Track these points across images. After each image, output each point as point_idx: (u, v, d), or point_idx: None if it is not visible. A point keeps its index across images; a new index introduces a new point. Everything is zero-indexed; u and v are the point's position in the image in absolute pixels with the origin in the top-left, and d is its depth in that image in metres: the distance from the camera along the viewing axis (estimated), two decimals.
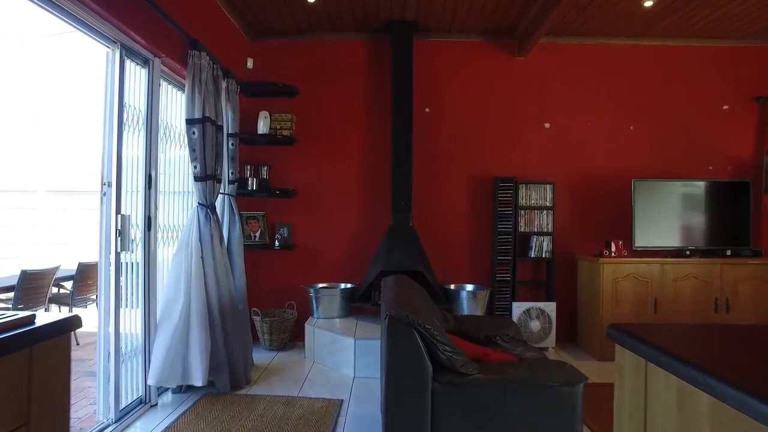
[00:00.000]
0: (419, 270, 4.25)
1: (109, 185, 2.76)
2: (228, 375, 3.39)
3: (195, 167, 3.29)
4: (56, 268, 4.78)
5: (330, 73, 4.84)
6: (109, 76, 2.78)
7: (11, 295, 4.43)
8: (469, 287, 4.60)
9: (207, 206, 3.37)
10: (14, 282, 4.37)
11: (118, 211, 2.78)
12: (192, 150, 3.27)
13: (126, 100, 2.89)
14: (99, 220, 2.77)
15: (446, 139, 4.83)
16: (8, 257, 5.73)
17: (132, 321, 3.06)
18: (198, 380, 3.18)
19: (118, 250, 2.77)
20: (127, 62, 2.91)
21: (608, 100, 4.84)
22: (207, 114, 3.30)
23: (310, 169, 4.84)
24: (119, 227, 2.76)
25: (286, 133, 4.61)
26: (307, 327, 4.28)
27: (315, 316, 4.48)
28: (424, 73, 4.78)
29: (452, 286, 4.62)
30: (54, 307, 5.95)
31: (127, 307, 2.98)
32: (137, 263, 3.05)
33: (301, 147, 4.81)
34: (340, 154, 4.83)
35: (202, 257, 3.28)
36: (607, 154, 4.83)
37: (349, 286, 4.68)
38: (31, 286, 4.44)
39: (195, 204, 3.39)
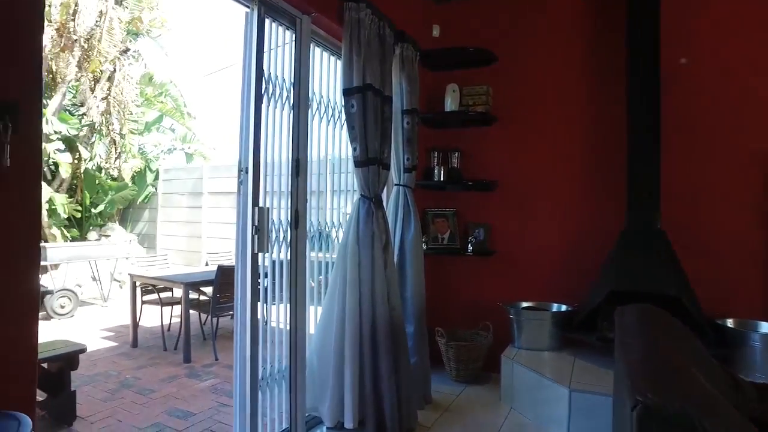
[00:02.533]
0: (672, 294, 2.84)
1: (246, 172, 2.25)
2: (387, 418, 2.61)
3: (354, 149, 2.61)
4: None
5: (537, 30, 3.71)
6: (248, 40, 2.28)
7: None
8: (766, 327, 2.93)
9: (370, 199, 2.67)
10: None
11: (255, 203, 2.25)
12: (350, 128, 2.60)
13: (269, 69, 2.36)
14: (236, 214, 2.28)
15: (715, 100, 3.22)
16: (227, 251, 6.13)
17: (277, 337, 2.54)
18: (348, 421, 2.49)
19: (255, 250, 2.23)
20: (273, 25, 2.40)
21: None
22: (368, 81, 2.60)
23: (513, 154, 3.79)
24: (256, 222, 2.23)
25: (480, 108, 3.66)
26: (504, 359, 3.25)
27: (515, 345, 3.42)
28: (676, 6, 3.27)
29: (729, 323, 3.02)
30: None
31: (270, 322, 2.46)
32: (282, 267, 2.50)
33: (501, 127, 3.80)
34: (552, 133, 3.66)
35: (359, 264, 2.59)
36: None
37: (563, 308, 3.49)
38: (228, 281, 4.48)
39: (356, 197, 2.72)
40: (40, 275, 5.06)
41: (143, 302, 4.81)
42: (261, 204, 2.29)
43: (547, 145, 3.67)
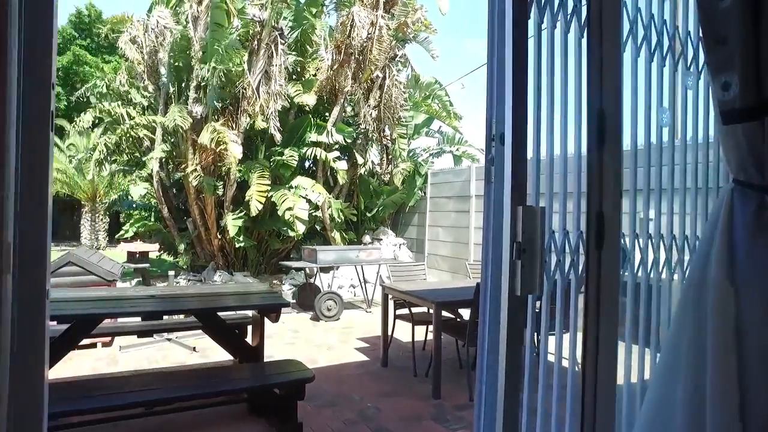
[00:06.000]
0: None
1: (501, 141, 1.21)
2: None
3: (725, 86, 1.22)
4: None
5: None
6: None
7: None
8: None
9: (764, 189, 1.28)
10: None
11: (518, 199, 1.19)
12: (715, 42, 1.23)
13: None
14: (483, 216, 1.27)
15: None
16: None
17: (555, 423, 1.41)
18: None
19: (517, 290, 1.16)
20: None
21: None
22: None
23: None
24: (519, 237, 1.16)
25: None
26: None
27: None
28: None
29: None
30: None
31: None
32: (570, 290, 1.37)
33: None
34: None
35: (736, 317, 1.23)
36: None
37: None
38: None
39: (729, 183, 1.38)
40: (284, 286, 4.99)
41: (396, 317, 4.28)
42: (530, 202, 1.22)
43: None
